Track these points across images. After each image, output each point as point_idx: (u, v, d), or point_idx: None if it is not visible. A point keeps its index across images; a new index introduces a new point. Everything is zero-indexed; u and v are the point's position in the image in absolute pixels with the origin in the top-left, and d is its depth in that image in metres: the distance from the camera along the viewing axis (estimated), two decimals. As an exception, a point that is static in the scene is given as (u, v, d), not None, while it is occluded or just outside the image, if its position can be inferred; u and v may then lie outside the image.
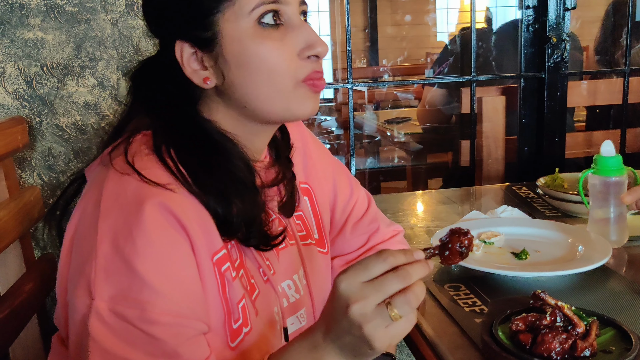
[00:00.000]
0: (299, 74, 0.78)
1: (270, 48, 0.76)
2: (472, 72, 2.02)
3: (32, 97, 1.61)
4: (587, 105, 2.54)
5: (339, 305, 0.64)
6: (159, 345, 0.67)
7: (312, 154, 1.00)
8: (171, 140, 0.75)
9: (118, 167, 0.73)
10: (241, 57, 0.76)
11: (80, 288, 0.68)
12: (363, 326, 0.63)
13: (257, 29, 0.75)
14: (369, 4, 6.28)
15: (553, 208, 1.52)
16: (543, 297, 0.85)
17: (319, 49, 0.78)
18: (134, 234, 0.67)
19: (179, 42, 0.77)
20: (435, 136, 2.86)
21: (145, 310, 0.66)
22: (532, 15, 2.02)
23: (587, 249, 1.18)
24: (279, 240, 0.83)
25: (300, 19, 0.79)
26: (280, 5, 0.76)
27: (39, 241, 1.68)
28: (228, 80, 0.77)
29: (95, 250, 0.68)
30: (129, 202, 0.69)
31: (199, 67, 0.78)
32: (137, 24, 1.63)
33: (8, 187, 1.43)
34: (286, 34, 0.77)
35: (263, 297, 0.82)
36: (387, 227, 1.06)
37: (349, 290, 0.63)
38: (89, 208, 0.72)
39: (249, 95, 0.78)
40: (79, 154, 1.66)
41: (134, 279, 0.67)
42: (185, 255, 0.71)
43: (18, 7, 1.56)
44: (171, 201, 0.70)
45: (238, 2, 0.75)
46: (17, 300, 1.28)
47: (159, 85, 0.80)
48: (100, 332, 0.66)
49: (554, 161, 2.05)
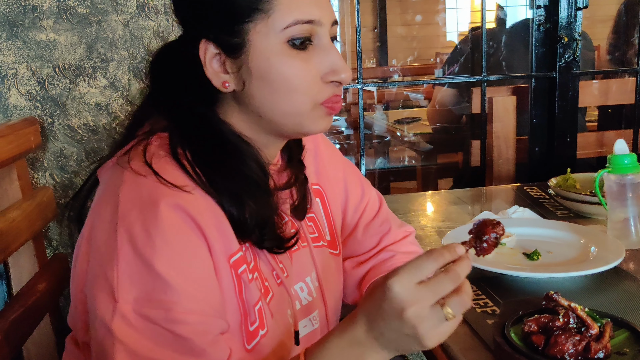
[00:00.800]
0: (319, 97, 0.78)
1: (296, 69, 0.76)
2: (482, 72, 2.02)
3: (45, 98, 1.62)
4: (598, 105, 2.52)
5: (391, 307, 0.65)
6: (187, 344, 0.68)
7: (324, 155, 1.00)
8: (187, 141, 0.75)
9: (135, 168, 0.72)
10: (265, 72, 0.75)
11: (102, 292, 0.68)
12: (418, 327, 0.65)
13: (285, 47, 0.75)
14: (378, 3, 6.27)
15: (565, 209, 1.51)
16: (556, 298, 0.85)
17: (343, 76, 0.78)
18: (153, 236, 0.68)
19: (204, 41, 0.76)
20: (445, 136, 2.85)
21: (170, 311, 0.67)
22: (543, 15, 2.01)
23: (600, 250, 1.17)
24: (292, 243, 0.83)
25: (329, 42, 0.78)
26: (313, 26, 0.76)
27: (51, 241, 1.70)
28: (247, 89, 0.77)
29: (117, 254, 0.68)
30: (146, 205, 0.69)
31: (220, 69, 0.77)
32: (148, 25, 1.64)
33: (21, 187, 1.44)
34: (313, 55, 0.77)
35: (277, 300, 0.82)
36: (399, 228, 1.06)
37: (403, 294, 0.64)
38: (106, 212, 0.72)
39: (265, 108, 0.78)
40: (90, 154, 1.67)
41: (157, 280, 0.67)
42: (202, 255, 0.71)
43: (31, 8, 1.57)
44: (187, 203, 0.70)
45: (272, 16, 0.74)
46: (30, 300, 1.29)
47: (178, 78, 0.80)
48: (127, 334, 0.66)
49: (566, 161, 2.04)
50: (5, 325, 1.16)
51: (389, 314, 0.66)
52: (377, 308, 0.67)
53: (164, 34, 1.65)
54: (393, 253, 1.01)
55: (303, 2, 0.75)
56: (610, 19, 2.70)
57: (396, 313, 0.65)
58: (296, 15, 0.74)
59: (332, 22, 0.79)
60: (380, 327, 0.67)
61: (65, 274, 1.58)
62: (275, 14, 0.74)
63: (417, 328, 0.65)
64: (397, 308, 0.65)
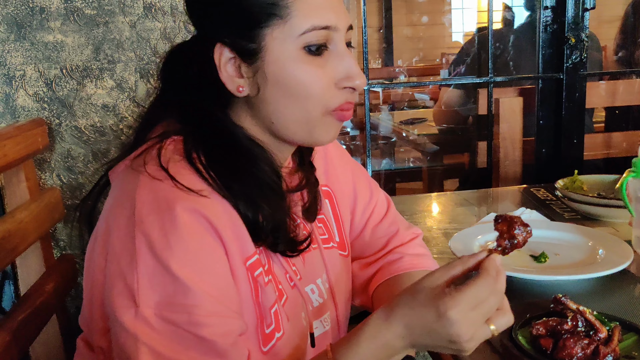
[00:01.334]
0: (331, 103, 0.78)
1: (312, 75, 0.75)
2: (489, 73, 2.01)
3: (52, 99, 1.63)
4: (606, 106, 2.51)
5: (443, 327, 0.68)
6: (210, 346, 0.68)
7: (333, 156, 1.00)
8: (202, 145, 0.75)
9: (151, 172, 0.72)
10: (281, 78, 0.75)
11: (121, 297, 0.68)
12: (464, 343, 0.69)
13: (302, 53, 0.75)
14: (384, 4, 6.26)
15: (572, 210, 1.50)
16: (564, 301, 0.84)
17: (358, 82, 0.78)
18: (171, 239, 0.68)
19: (219, 45, 0.76)
20: (451, 137, 2.84)
21: (192, 314, 0.67)
22: (550, 16, 2.00)
23: (608, 253, 1.16)
24: (305, 246, 0.83)
25: (344, 47, 0.78)
26: (329, 32, 0.76)
27: (58, 241, 1.70)
28: (262, 94, 0.77)
29: (136, 260, 0.68)
30: (163, 209, 0.69)
31: (235, 73, 0.77)
32: (155, 26, 1.64)
33: (29, 188, 1.45)
34: (328, 61, 0.77)
35: (291, 303, 0.82)
36: (407, 230, 1.05)
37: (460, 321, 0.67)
38: (122, 217, 0.71)
39: (277, 114, 0.78)
40: (97, 155, 1.68)
41: (177, 284, 0.67)
42: (220, 257, 0.71)
43: (38, 10, 1.58)
44: (204, 207, 0.70)
45: (289, 22, 0.74)
46: (38, 300, 1.30)
47: (191, 80, 0.80)
48: (150, 337, 0.67)
49: (572, 163, 2.03)
50: (13, 325, 1.17)
51: (440, 334, 0.69)
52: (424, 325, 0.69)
53: (170, 35, 1.65)
54: (401, 255, 1.01)
55: (320, 8, 0.75)
56: (617, 19, 2.69)
57: (448, 335, 0.68)
58: (313, 21, 0.74)
59: (347, 28, 0.79)
60: (424, 339, 0.70)
61: (73, 274, 1.58)
62: (292, 19, 0.74)
63: (462, 344, 0.69)
64: (452, 333, 0.68)
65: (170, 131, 0.78)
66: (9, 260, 1.23)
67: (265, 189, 0.77)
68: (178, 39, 1.65)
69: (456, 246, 1.21)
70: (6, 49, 1.58)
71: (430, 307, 0.68)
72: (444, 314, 0.67)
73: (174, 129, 0.78)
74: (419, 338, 0.70)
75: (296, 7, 0.74)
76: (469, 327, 0.68)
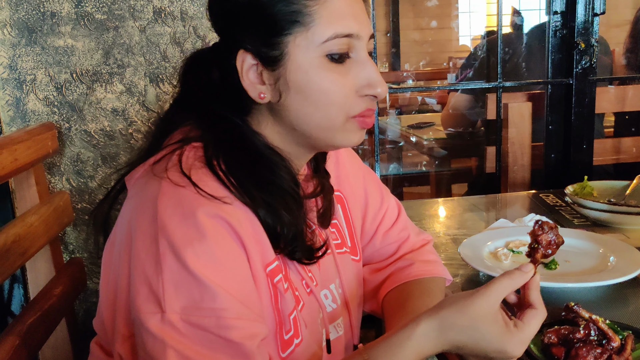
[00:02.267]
0: (353, 110, 0.78)
1: (334, 82, 0.76)
2: (498, 78, 2.01)
3: (62, 103, 1.64)
4: (615, 111, 2.50)
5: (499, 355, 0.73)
6: (239, 348, 0.68)
7: (345, 161, 1.00)
8: (222, 153, 0.75)
9: (173, 179, 0.72)
10: (303, 85, 0.75)
11: (147, 302, 0.68)
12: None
13: (324, 60, 0.75)
14: (391, 8, 6.27)
15: (582, 217, 1.49)
16: (577, 310, 0.84)
17: (379, 90, 0.78)
18: (195, 245, 0.68)
19: (242, 52, 0.76)
20: (459, 142, 2.84)
21: (221, 318, 0.68)
22: (560, 21, 2.00)
23: (619, 260, 1.16)
24: (321, 253, 0.83)
25: (366, 55, 0.79)
26: (352, 40, 0.76)
27: (67, 245, 1.71)
28: (283, 101, 0.77)
29: (160, 265, 0.68)
30: (186, 214, 0.69)
31: (257, 80, 0.77)
32: (164, 31, 1.65)
33: (39, 192, 1.45)
34: (350, 69, 0.77)
35: (307, 309, 0.83)
36: (417, 236, 1.05)
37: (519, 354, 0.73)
38: (144, 223, 0.71)
39: (299, 120, 0.78)
40: (106, 159, 1.68)
41: (203, 288, 0.67)
42: (243, 262, 0.72)
43: (49, 15, 1.58)
44: (226, 213, 0.70)
45: (312, 29, 0.74)
46: (47, 304, 1.30)
47: (211, 86, 0.80)
48: (178, 341, 0.67)
49: (582, 168, 2.02)
50: (22, 329, 1.17)
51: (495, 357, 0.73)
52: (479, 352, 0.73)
53: (180, 40, 1.66)
54: (411, 261, 1.01)
55: (343, 16, 0.75)
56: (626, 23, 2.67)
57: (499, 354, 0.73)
58: (336, 29, 0.74)
59: (369, 36, 0.79)
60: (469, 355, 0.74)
61: (82, 278, 1.59)
62: (315, 27, 0.74)
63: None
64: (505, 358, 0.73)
65: (190, 137, 0.78)
66: (19, 263, 1.23)
67: (286, 197, 0.77)
68: (187, 43, 1.66)
69: (466, 253, 1.20)
70: (17, 53, 1.59)
71: (495, 344, 0.72)
72: (508, 351, 0.72)
73: (194, 135, 0.78)
74: (463, 353, 0.74)
75: (319, 15, 0.74)
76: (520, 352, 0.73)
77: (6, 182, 1.55)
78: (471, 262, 1.15)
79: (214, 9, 0.80)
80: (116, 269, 0.75)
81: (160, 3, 1.63)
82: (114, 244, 0.76)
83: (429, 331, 0.71)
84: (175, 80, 0.87)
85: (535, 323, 0.73)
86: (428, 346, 0.72)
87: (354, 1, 0.77)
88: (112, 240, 0.77)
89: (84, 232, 1.70)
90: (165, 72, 1.66)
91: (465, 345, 0.72)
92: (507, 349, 0.71)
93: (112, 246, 0.77)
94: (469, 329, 0.71)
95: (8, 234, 1.20)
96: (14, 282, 1.70)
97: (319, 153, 0.91)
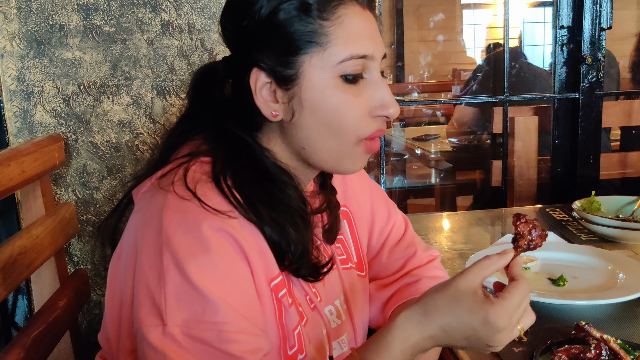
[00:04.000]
0: (364, 132, 0.78)
1: (348, 104, 0.76)
2: (504, 92, 2.00)
3: (69, 115, 1.64)
4: (622, 125, 2.49)
5: (487, 333, 0.70)
6: None
7: (351, 176, 1.00)
8: (230, 170, 0.75)
9: (178, 192, 0.72)
10: (317, 105, 0.75)
11: (150, 315, 0.68)
12: (500, 346, 0.72)
13: (339, 81, 0.75)
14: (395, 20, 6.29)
15: (589, 232, 1.48)
16: (587, 329, 0.83)
17: (392, 111, 0.78)
18: (199, 258, 0.68)
19: (256, 70, 0.76)
20: (465, 155, 2.83)
21: (222, 331, 0.67)
22: (566, 35, 2.00)
23: (628, 277, 1.15)
24: (326, 270, 0.82)
25: (379, 76, 0.79)
26: (366, 60, 0.76)
27: (72, 256, 1.70)
28: (296, 120, 0.77)
29: (164, 278, 0.68)
30: (191, 227, 0.69)
31: (270, 98, 0.77)
32: (172, 43, 1.65)
33: (44, 203, 1.45)
34: (364, 89, 0.77)
35: (311, 325, 0.82)
36: (424, 252, 1.04)
37: (506, 327, 0.71)
38: (149, 236, 0.71)
39: (310, 140, 0.78)
40: (112, 170, 1.68)
41: (206, 302, 0.67)
42: (247, 276, 0.72)
43: (58, 27, 1.59)
44: (231, 226, 0.70)
45: (329, 50, 0.74)
46: (51, 316, 1.30)
47: (222, 102, 0.80)
48: (178, 354, 0.66)
49: (588, 182, 2.01)
50: (27, 342, 1.17)
51: (481, 339, 0.71)
52: (466, 330, 0.71)
53: (187, 52, 1.66)
54: (418, 277, 1.00)
55: (358, 37, 0.75)
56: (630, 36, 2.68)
57: (490, 340, 0.71)
58: (352, 50, 0.75)
59: (382, 57, 0.79)
60: (460, 342, 0.72)
61: (85, 290, 1.58)
62: (331, 47, 0.74)
63: (498, 347, 0.72)
64: (495, 339, 0.71)
65: (198, 152, 0.78)
66: (24, 276, 1.23)
67: (294, 216, 0.77)
68: (195, 56, 1.66)
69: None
70: (25, 65, 1.60)
71: (477, 314, 0.69)
72: (493, 322, 0.69)
73: (202, 150, 0.78)
74: (455, 340, 0.72)
75: (336, 36, 0.74)
76: (510, 331, 0.71)
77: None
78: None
79: (227, 25, 0.80)
80: (122, 282, 0.75)
81: (168, 16, 1.64)
82: (120, 257, 0.76)
83: (412, 316, 0.72)
84: (183, 92, 0.87)
85: (517, 293, 0.71)
86: (413, 332, 0.71)
87: (368, 21, 0.78)
88: (118, 254, 0.77)
89: (88, 244, 1.70)
90: (172, 85, 1.66)
91: (450, 324, 0.70)
92: (490, 317, 0.69)
93: (118, 260, 0.77)
94: (450, 305, 0.71)
95: (14, 246, 1.20)
96: (18, 294, 1.69)
97: None
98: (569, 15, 1.98)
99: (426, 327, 0.71)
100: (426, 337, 0.71)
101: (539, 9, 5.67)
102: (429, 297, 0.72)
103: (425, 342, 0.72)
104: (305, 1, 0.74)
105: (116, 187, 1.69)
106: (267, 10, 0.75)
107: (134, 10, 1.62)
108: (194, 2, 1.64)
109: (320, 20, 0.74)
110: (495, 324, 0.69)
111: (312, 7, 0.74)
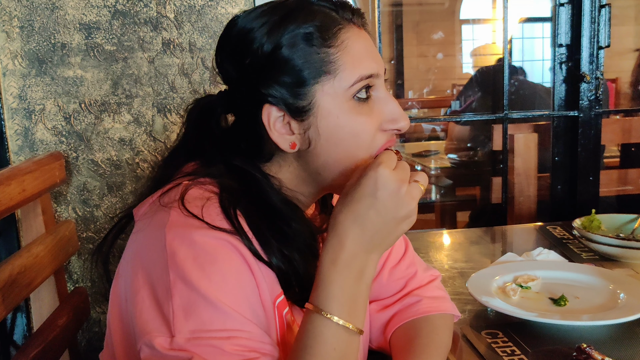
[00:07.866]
0: (376, 147, 0.79)
1: (362, 123, 0.77)
2: (504, 110, 2.01)
3: (70, 133, 1.64)
4: (621, 142, 2.50)
5: (385, 190, 0.70)
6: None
7: None
8: (239, 204, 0.75)
9: (182, 210, 0.72)
10: (335, 132, 0.76)
11: (159, 329, 0.67)
12: (406, 204, 0.72)
13: (351, 103, 0.76)
14: (394, 35, 6.33)
15: (590, 250, 1.48)
16: (589, 352, 0.83)
17: (403, 124, 0.79)
18: (207, 268, 0.67)
19: (267, 106, 0.76)
20: (464, 171, 2.84)
21: (232, 337, 0.67)
22: (565, 54, 2.01)
23: (629, 296, 1.14)
24: None
25: (386, 91, 0.80)
26: (372, 79, 0.77)
27: (71, 274, 1.70)
28: (313, 149, 0.77)
29: (170, 292, 0.67)
30: (196, 240, 0.69)
31: (285, 131, 0.77)
32: (172, 62, 1.66)
33: (45, 221, 1.45)
34: (374, 106, 0.78)
35: None
36: (425, 272, 1.04)
37: (390, 177, 0.71)
38: (154, 253, 0.71)
39: (328, 166, 0.78)
40: (112, 188, 1.69)
41: (215, 311, 0.67)
42: (254, 289, 0.72)
43: (60, 46, 1.60)
44: (235, 240, 0.71)
45: (338, 76, 0.75)
46: (51, 335, 1.29)
47: (223, 136, 0.80)
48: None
49: (588, 200, 2.02)
50: (26, 362, 1.16)
51: (389, 209, 0.71)
52: (369, 204, 0.70)
53: (188, 71, 1.67)
54: (419, 298, 1.00)
55: (362, 58, 0.77)
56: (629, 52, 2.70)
57: (395, 205, 0.71)
58: (360, 72, 0.76)
59: (384, 72, 0.81)
60: (376, 225, 0.71)
61: (85, 308, 1.57)
62: (340, 73, 0.75)
63: (403, 204, 0.72)
64: (394, 188, 0.71)
65: (200, 172, 0.78)
66: (24, 295, 1.22)
67: (301, 250, 0.77)
68: (195, 75, 1.67)
69: (474, 288, 1.19)
70: (27, 83, 1.61)
71: (367, 186, 0.70)
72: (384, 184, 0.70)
73: (203, 172, 0.78)
74: (372, 225, 0.71)
75: (343, 61, 0.75)
76: (401, 180, 0.71)
77: (12, 211, 1.55)
78: (479, 297, 1.14)
79: (224, 65, 0.80)
80: (123, 302, 0.74)
81: (169, 35, 1.65)
82: (121, 277, 0.76)
83: (334, 215, 0.72)
84: (183, 110, 0.87)
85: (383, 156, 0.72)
86: (342, 231, 0.71)
87: (367, 41, 0.79)
88: (119, 275, 0.77)
89: (88, 262, 1.70)
90: (172, 103, 1.67)
91: (373, 205, 0.70)
92: (379, 181, 0.70)
93: (118, 278, 0.77)
94: (360, 189, 0.71)
95: (14, 265, 1.19)
96: (17, 312, 1.69)
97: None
98: (567, 34, 1.99)
99: (351, 220, 0.71)
100: (356, 228, 0.71)
101: (538, 24, 5.71)
102: (342, 194, 0.73)
103: (355, 234, 0.71)
104: (307, 32, 0.75)
105: (116, 205, 1.69)
106: (270, 47, 0.75)
107: (135, 29, 1.63)
108: (194, 21, 1.65)
109: (326, 48, 0.75)
110: (388, 185, 0.70)
111: (314, 37, 0.75)
